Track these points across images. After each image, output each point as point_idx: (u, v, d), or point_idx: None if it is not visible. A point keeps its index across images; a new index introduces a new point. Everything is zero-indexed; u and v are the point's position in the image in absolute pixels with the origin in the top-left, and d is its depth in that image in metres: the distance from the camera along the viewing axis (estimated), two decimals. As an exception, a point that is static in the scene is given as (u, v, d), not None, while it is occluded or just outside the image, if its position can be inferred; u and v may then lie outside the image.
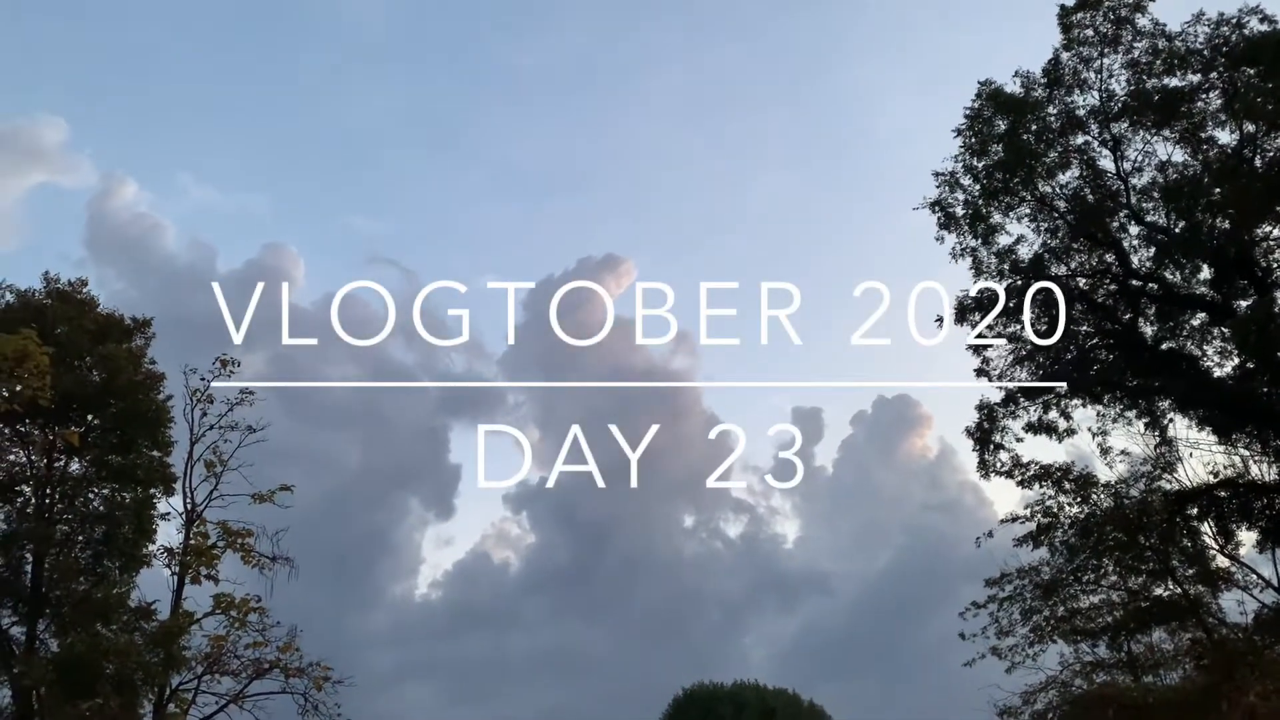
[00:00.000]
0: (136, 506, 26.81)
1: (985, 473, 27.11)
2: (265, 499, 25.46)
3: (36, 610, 24.99)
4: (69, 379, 24.86)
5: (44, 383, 20.97)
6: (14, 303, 26.66)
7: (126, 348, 27.35)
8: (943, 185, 26.51)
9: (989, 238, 26.48)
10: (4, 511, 26.01)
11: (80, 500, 26.79)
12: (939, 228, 26.64)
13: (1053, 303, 25.38)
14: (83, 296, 27.70)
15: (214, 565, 25.10)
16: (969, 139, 26.03)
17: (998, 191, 26.14)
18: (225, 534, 25.28)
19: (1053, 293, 25.17)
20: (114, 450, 26.78)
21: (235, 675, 24.42)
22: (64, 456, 26.60)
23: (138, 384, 26.77)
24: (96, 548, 26.54)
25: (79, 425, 26.19)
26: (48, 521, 25.63)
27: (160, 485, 27.10)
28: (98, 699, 23.46)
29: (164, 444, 27.29)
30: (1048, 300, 25.50)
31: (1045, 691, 27.78)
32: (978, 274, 26.74)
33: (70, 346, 25.87)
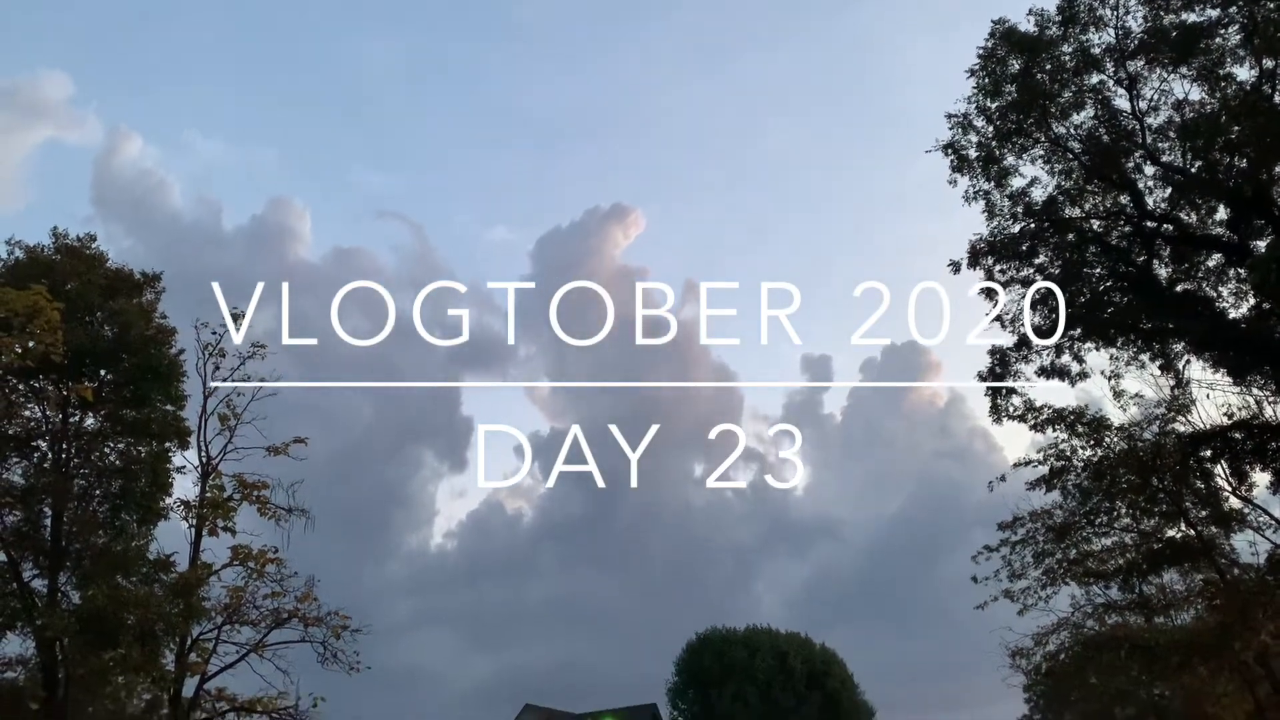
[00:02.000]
0: (152, 460, 27.03)
1: (998, 417, 27.02)
2: (280, 451, 25.64)
3: (57, 563, 25.29)
4: (80, 334, 24.93)
5: (56, 338, 21.03)
6: (24, 259, 26.64)
7: (137, 303, 27.38)
8: (956, 127, 26.10)
9: (1002, 180, 26.13)
10: (21, 466, 26.22)
11: (96, 454, 26.99)
12: (952, 170, 26.27)
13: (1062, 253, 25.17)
14: (92, 252, 27.67)
15: (230, 518, 25.34)
16: (982, 80, 25.57)
17: (1011, 133, 25.73)
18: (241, 486, 25.49)
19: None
20: (128, 405, 26.91)
21: (254, 625, 24.78)
22: (78, 411, 26.75)
23: (149, 338, 26.83)
24: (114, 501, 26.79)
25: (92, 380, 26.27)
26: (65, 476, 25.84)
27: (175, 439, 27.29)
28: (120, 649, 23.81)
29: (177, 398, 27.42)
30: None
31: (1057, 633, 28.02)
32: (990, 217, 26.46)
33: (81, 302, 25.90)
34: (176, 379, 27.26)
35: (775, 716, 54.57)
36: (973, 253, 26.42)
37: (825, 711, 56.06)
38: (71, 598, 25.35)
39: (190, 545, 25.39)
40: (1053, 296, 26.11)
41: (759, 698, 55.06)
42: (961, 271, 26.46)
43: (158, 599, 24.05)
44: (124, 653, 23.78)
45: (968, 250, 26.42)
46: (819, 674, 57.19)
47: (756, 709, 54.70)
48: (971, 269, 26.55)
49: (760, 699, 55.05)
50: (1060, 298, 25.14)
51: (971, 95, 25.77)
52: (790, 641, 58.51)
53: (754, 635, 58.38)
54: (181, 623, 23.97)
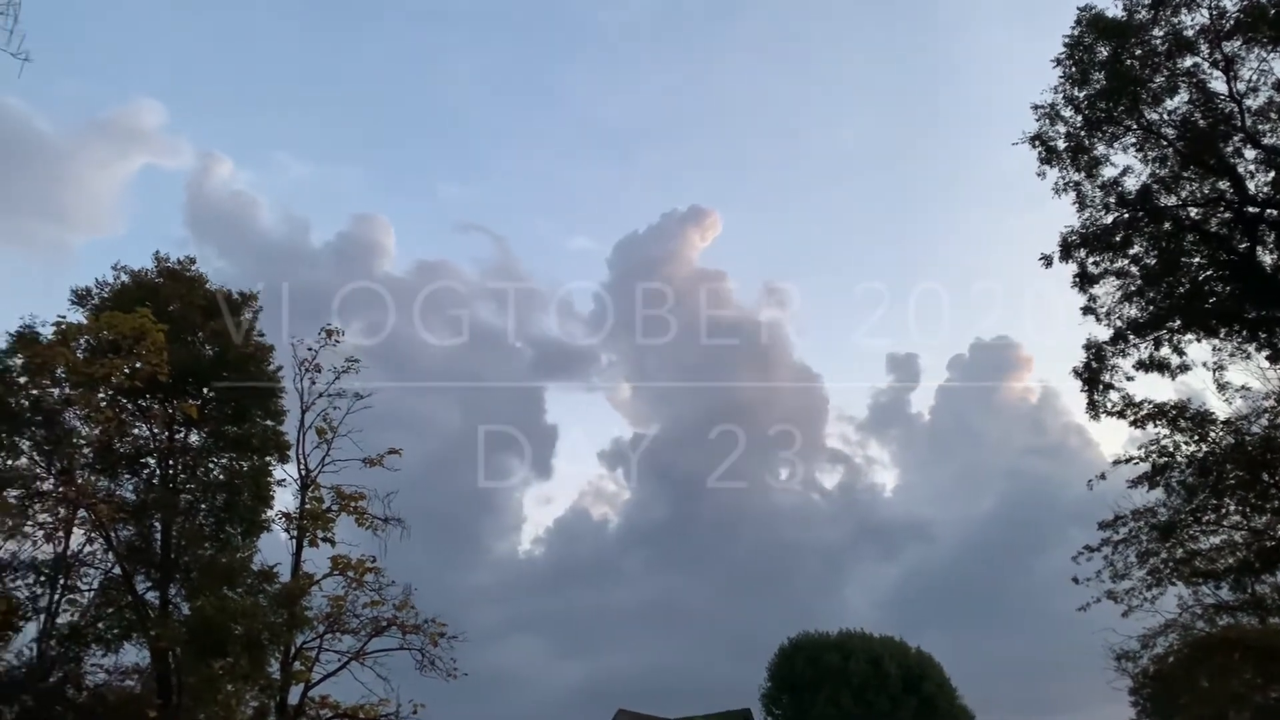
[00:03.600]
0: (254, 474, 27.86)
1: (1095, 414, 26.30)
2: (375, 463, 26.18)
3: (167, 575, 26.25)
4: (183, 354, 25.85)
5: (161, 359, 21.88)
6: (129, 283, 27.72)
7: (236, 321, 28.28)
8: (1042, 118, 25.48)
9: (1093, 170, 25.44)
10: (132, 483, 27.27)
11: (201, 470, 27.95)
12: (1040, 163, 25.65)
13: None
14: (192, 274, 28.68)
15: (330, 528, 25.95)
16: (1069, 68, 24.93)
17: (1101, 122, 25.03)
18: (339, 498, 26.08)
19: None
20: (230, 421, 27.81)
21: (355, 633, 25.29)
22: (183, 429, 27.71)
23: (248, 356, 27.69)
24: (219, 515, 27.70)
25: (196, 398, 27.21)
26: (173, 491, 26.81)
27: (275, 453, 28.08)
28: (229, 658, 24.58)
29: (276, 413, 28.23)
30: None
31: (1165, 635, 27.12)
32: (1082, 208, 25.78)
33: (183, 323, 26.85)
34: (275, 395, 28.06)
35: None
36: (1064, 245, 25.78)
37: (922, 716, 55.08)
38: (181, 608, 26.27)
39: (292, 556, 26.06)
40: (1150, 288, 25.38)
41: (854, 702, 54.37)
42: (1053, 265, 25.86)
43: (263, 609, 24.76)
44: (232, 661, 24.51)
45: (1059, 243, 25.78)
46: (915, 678, 56.21)
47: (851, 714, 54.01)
48: (1063, 262, 25.89)
49: (855, 704, 54.35)
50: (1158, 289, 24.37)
51: (1058, 85, 25.15)
52: (884, 645, 57.62)
53: (847, 639, 57.67)
54: (286, 632, 24.61)
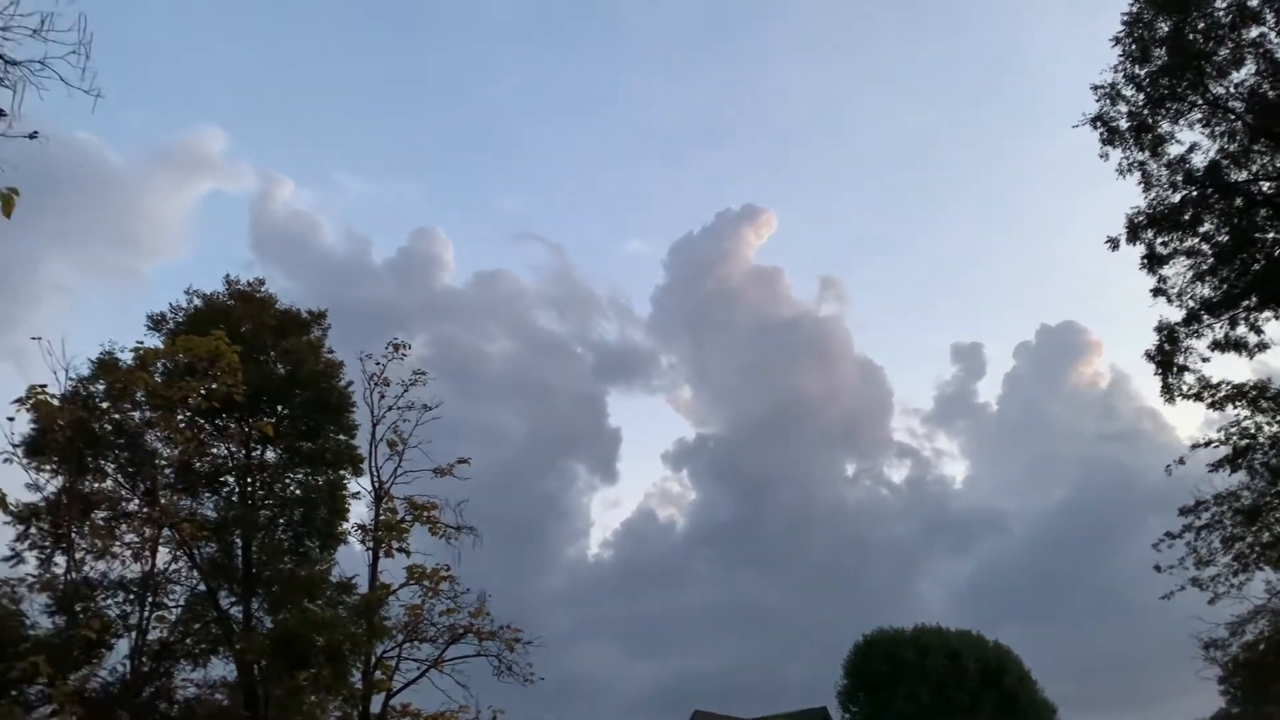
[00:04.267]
0: (329, 488, 28.45)
1: (1170, 397, 25.75)
2: (445, 473, 26.52)
3: (250, 590, 26.90)
4: (257, 373, 26.48)
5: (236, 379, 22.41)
6: (202, 307, 28.49)
7: (306, 340, 28.92)
8: (1103, 99, 25.03)
9: (1158, 149, 24.91)
10: (213, 501, 28.03)
11: (278, 486, 28.63)
12: (1102, 143, 25.19)
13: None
14: (261, 295, 29.39)
15: (404, 538, 26.35)
16: (1128, 46, 24.47)
17: (1165, 99, 24.50)
18: (412, 508, 26.48)
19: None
20: (304, 437, 28.44)
21: (433, 641, 25.62)
22: (260, 446, 28.40)
23: (319, 373, 28.29)
24: (297, 529, 28.32)
25: (271, 416, 27.88)
26: (251, 508, 27.48)
27: (349, 466, 28.64)
28: (312, 669, 25.11)
29: (348, 428, 28.80)
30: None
31: (1254, 621, 26.44)
32: (1148, 188, 25.25)
33: (255, 343, 27.53)
34: (346, 410, 28.63)
35: (949, 718, 53.15)
36: (1131, 226, 25.28)
37: (1002, 711, 54.24)
38: (265, 622, 26.89)
39: (369, 567, 26.50)
40: (1223, 266, 24.78)
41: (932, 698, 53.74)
42: (1120, 248, 25.38)
43: (343, 620, 25.25)
44: (315, 672, 25.03)
45: (1125, 225, 25.29)
46: (994, 671, 55.39)
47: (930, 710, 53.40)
48: (1131, 244, 25.41)
49: (933, 699, 53.72)
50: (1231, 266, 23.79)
51: (1118, 64, 24.69)
52: (961, 640, 56.87)
53: (923, 634, 57.01)
54: (366, 642, 25.05)
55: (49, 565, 25.14)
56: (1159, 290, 25.67)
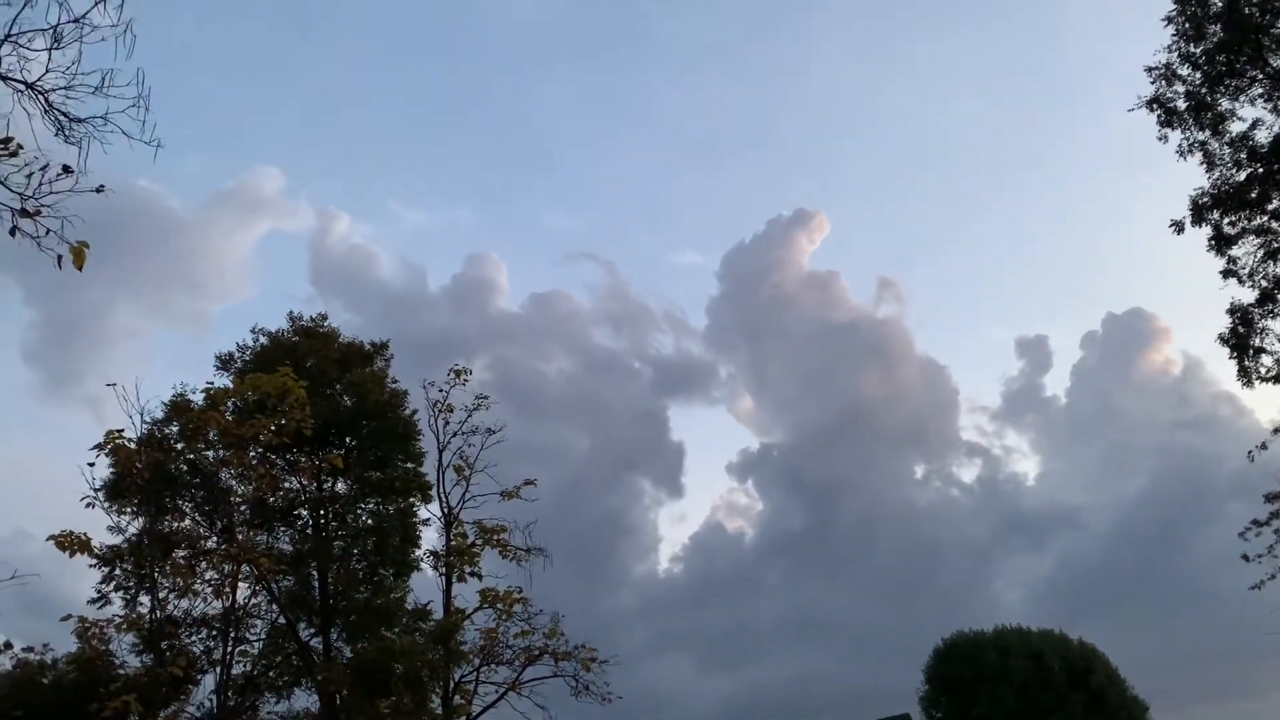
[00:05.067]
0: (400, 516, 28.80)
1: (1247, 380, 25.01)
2: (512, 495, 26.68)
3: (328, 621, 27.31)
4: (324, 407, 26.93)
5: (305, 414, 22.79)
6: (268, 345, 29.08)
7: (369, 371, 29.38)
8: (1158, 80, 24.50)
9: (1219, 127, 24.29)
10: (288, 535, 28.53)
11: (350, 517, 29.05)
12: (1160, 125, 24.63)
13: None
14: (325, 330, 29.95)
15: (476, 563, 26.52)
16: (1181, 24, 23.94)
17: (1222, 75, 23.90)
18: (481, 532, 26.66)
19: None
20: (373, 467, 28.84)
21: (509, 664, 25.70)
22: (330, 478, 28.85)
23: (385, 403, 28.70)
24: (371, 559, 28.70)
25: (339, 448, 28.32)
26: (325, 540, 27.93)
27: (418, 494, 28.98)
28: (393, 697, 25.36)
29: (415, 456, 29.15)
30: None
31: (1351, 607, 25.49)
32: (1210, 168, 24.62)
33: (321, 377, 28.02)
34: (413, 438, 28.98)
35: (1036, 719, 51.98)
36: (1195, 208, 24.65)
37: (1091, 711, 52.85)
38: (344, 652, 27.26)
39: (442, 593, 26.70)
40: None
41: (1017, 700, 52.62)
42: (1185, 230, 24.77)
43: (420, 647, 25.48)
44: (396, 700, 25.28)
45: (1189, 206, 24.65)
46: (1080, 671, 54.00)
47: (1016, 713, 52.28)
48: (1196, 226, 24.77)
49: (1018, 701, 52.59)
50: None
51: (1171, 44, 24.16)
52: (1044, 639, 55.52)
53: (1004, 636, 55.78)
54: (444, 668, 25.24)
55: (134, 605, 25.79)
56: (1229, 271, 24.98)
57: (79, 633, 21.89)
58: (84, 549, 20.08)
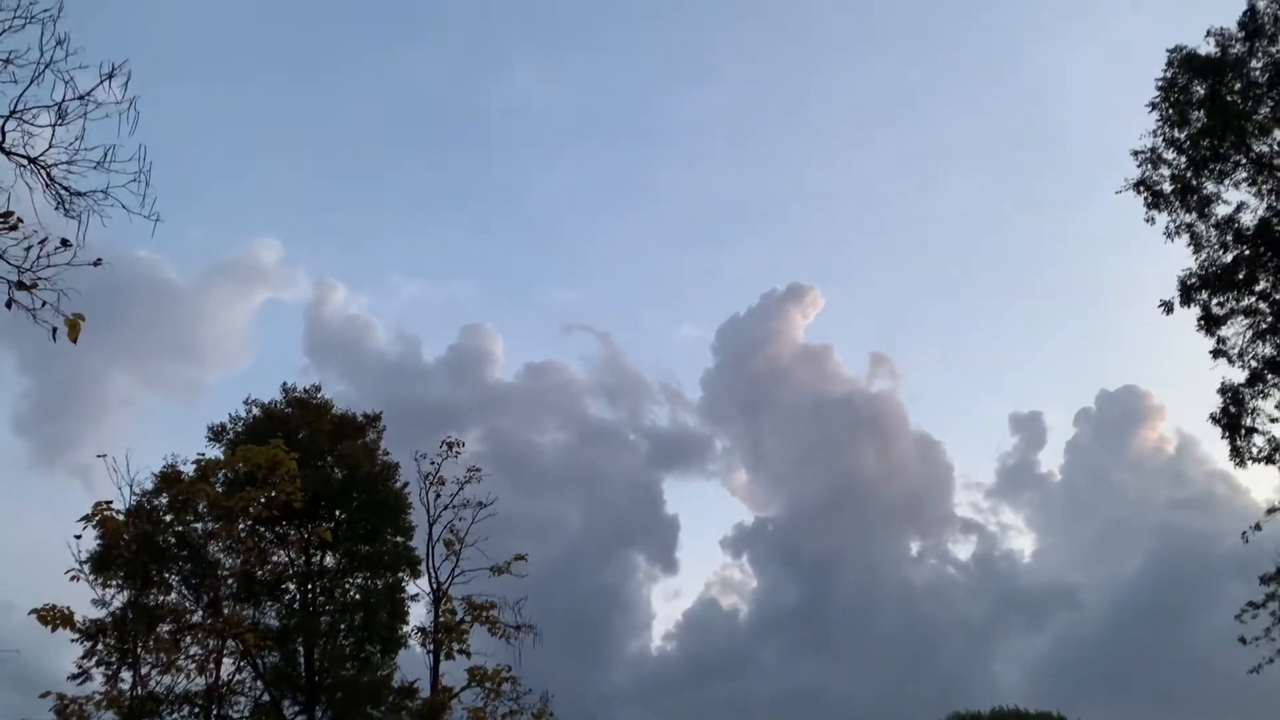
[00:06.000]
0: (388, 591, 28.44)
1: (1240, 461, 25.11)
2: (503, 570, 26.36)
3: (314, 698, 26.79)
4: (314, 479, 26.75)
5: (295, 486, 22.66)
6: (260, 415, 29.02)
7: (361, 443, 29.28)
8: (1144, 163, 25.02)
9: (1205, 209, 24.72)
10: (274, 609, 28.11)
11: (338, 591, 28.68)
12: (1147, 208, 25.10)
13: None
14: (318, 401, 29.91)
15: (464, 640, 26.11)
16: (1165, 110, 24.51)
17: (1207, 160, 24.42)
18: (471, 608, 26.28)
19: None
20: (362, 540, 28.59)
21: (498, 745, 25.23)
22: (319, 552, 28.55)
23: (376, 475, 28.56)
24: (358, 634, 28.26)
25: (329, 521, 28.07)
26: (312, 615, 27.53)
27: (407, 569, 28.66)
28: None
29: (405, 529, 28.89)
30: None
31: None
32: (1197, 250, 24.98)
33: (312, 448, 27.90)
34: (403, 511, 28.77)
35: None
36: (1184, 289, 24.98)
37: (1092, 796, 51.81)
38: (329, 730, 26.71)
39: (430, 670, 26.24)
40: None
41: (1015, 785, 51.55)
42: (1174, 311, 25.05)
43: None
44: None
45: (1178, 287, 25.01)
46: (1079, 754, 53.09)
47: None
48: (1184, 306, 25.08)
49: (1017, 786, 51.53)
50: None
51: (1156, 128, 24.73)
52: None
53: (1001, 717, 54.94)
54: (430, 748, 24.73)
55: (115, 681, 25.26)
56: (1219, 351, 25.22)
57: (58, 710, 21.38)
58: (66, 623, 19.81)
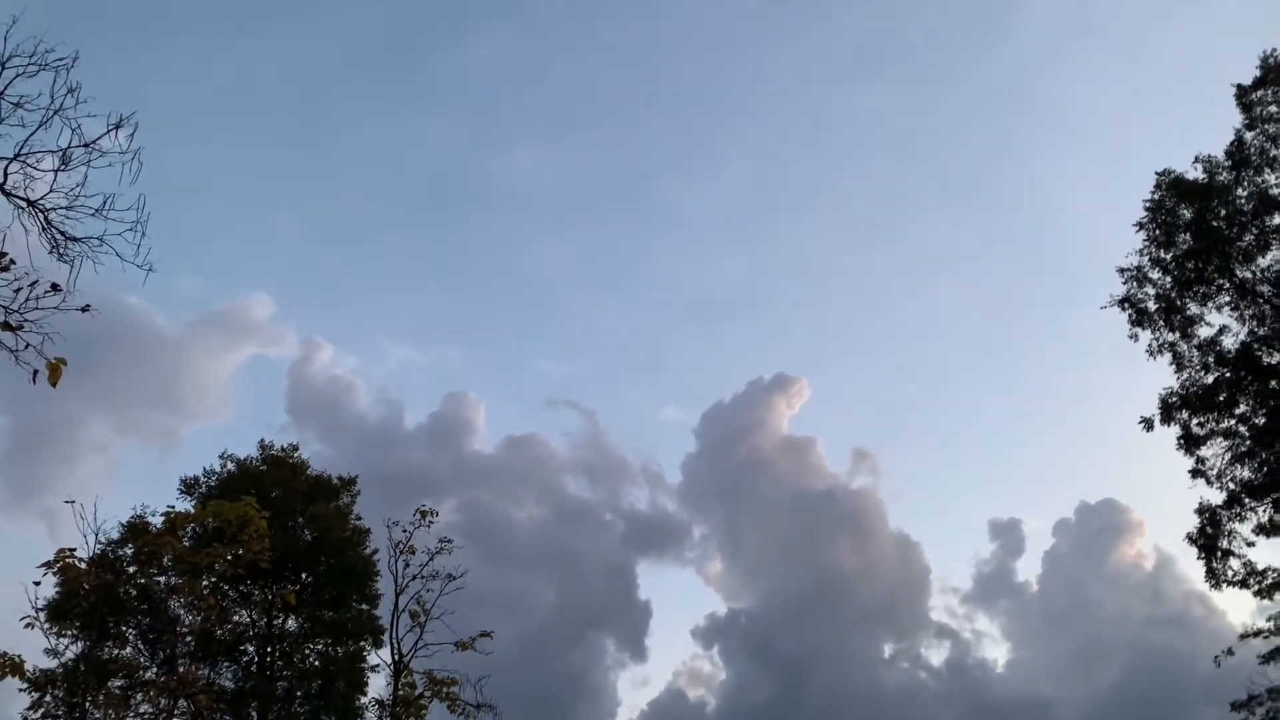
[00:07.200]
0: (349, 660, 27.87)
1: (1215, 583, 25.08)
2: (467, 646, 25.86)
3: (263, 766, 26.04)
4: (284, 539, 26.37)
5: (263, 545, 22.28)
6: (234, 471, 28.73)
7: (334, 506, 28.96)
8: (1129, 281, 25.43)
9: (1188, 330, 25.07)
10: (231, 670, 27.46)
11: (298, 656, 28.08)
12: (1131, 325, 25.43)
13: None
14: (294, 461, 29.66)
15: (422, 715, 25.51)
16: (1153, 231, 25.00)
17: (1191, 282, 24.83)
18: (431, 683, 25.69)
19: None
20: (326, 606, 28.11)
21: (449, 827, 24.47)
22: (282, 614, 28.02)
23: (346, 540, 28.20)
24: (314, 702, 27.61)
25: (294, 584, 27.62)
26: (270, 679, 26.90)
27: (369, 638, 28.13)
28: None
29: (371, 597, 28.43)
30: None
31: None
32: (1179, 369, 25.25)
33: (284, 508, 27.56)
34: (371, 578, 28.34)
35: None
36: (1165, 407, 25.19)
37: None
38: (276, 801, 25.91)
39: (385, 745, 25.65)
40: (1262, 448, 24.45)
41: None
42: (1155, 428, 25.22)
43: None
44: None
45: (1159, 405, 25.22)
46: None
47: None
48: (1165, 425, 25.27)
49: None
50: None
51: (1143, 247, 25.18)
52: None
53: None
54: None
55: (60, 735, 24.51)
56: (1198, 471, 25.34)
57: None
58: (16, 672, 19.23)
